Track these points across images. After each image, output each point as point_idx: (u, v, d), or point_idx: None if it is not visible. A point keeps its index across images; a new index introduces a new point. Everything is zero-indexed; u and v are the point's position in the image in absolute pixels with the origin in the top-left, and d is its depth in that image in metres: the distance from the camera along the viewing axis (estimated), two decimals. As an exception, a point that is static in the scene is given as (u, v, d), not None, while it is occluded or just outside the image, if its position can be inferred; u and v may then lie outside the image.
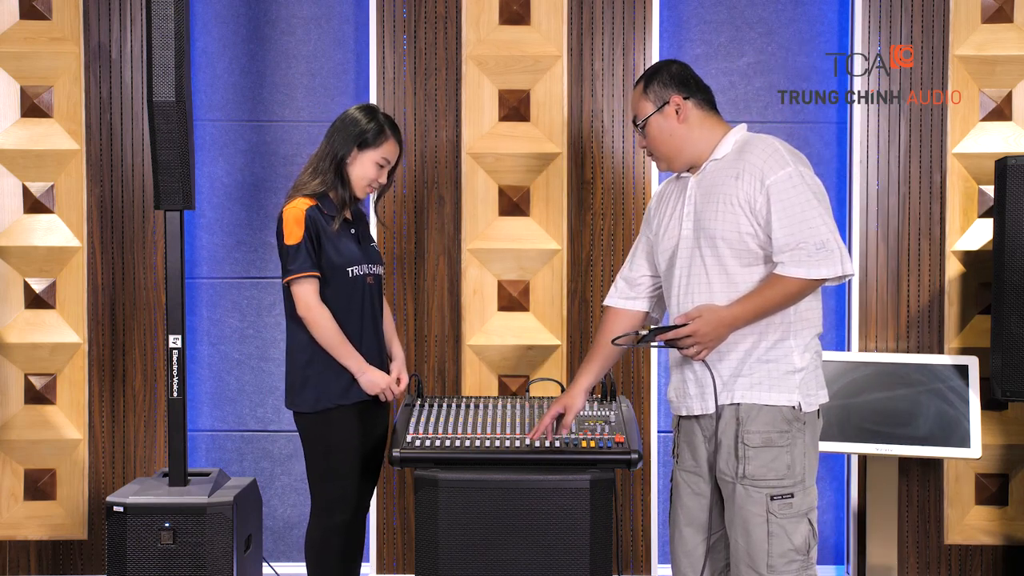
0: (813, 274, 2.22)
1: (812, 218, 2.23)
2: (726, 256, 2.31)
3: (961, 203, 3.52)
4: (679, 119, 2.39)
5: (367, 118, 2.77)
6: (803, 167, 2.30)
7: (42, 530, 3.58)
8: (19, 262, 3.56)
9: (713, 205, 2.32)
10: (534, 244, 3.55)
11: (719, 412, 2.32)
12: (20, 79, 3.55)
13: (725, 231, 2.30)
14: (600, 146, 3.56)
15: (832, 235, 2.24)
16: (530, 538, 2.57)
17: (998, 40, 3.50)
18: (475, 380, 3.56)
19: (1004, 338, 3.11)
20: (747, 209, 2.28)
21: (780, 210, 2.24)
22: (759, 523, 2.27)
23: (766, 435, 2.27)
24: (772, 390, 2.28)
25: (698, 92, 2.42)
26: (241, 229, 3.63)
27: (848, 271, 2.25)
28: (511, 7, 3.54)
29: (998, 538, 3.55)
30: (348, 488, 2.74)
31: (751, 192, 2.27)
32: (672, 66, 2.45)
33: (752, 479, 2.27)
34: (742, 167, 2.30)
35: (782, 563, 2.27)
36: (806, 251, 2.22)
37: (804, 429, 2.30)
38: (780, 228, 2.24)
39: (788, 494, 2.27)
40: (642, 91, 2.44)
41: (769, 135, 2.38)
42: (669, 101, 2.39)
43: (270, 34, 3.62)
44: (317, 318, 2.67)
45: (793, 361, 2.30)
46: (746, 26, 3.60)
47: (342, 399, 2.71)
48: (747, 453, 2.28)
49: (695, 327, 2.26)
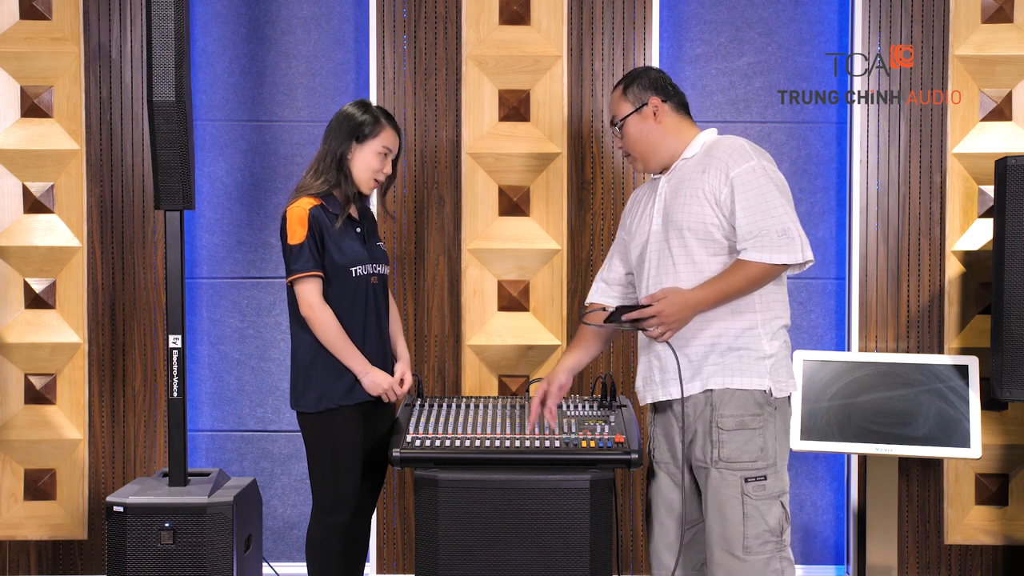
0: (775, 259, 2.32)
1: (775, 207, 2.34)
2: (692, 246, 2.41)
3: (961, 203, 3.52)
4: (656, 120, 2.52)
5: (361, 111, 2.79)
6: (766, 162, 2.41)
7: (42, 530, 3.58)
8: (19, 262, 3.56)
9: (681, 198, 2.44)
10: (534, 244, 3.55)
11: (689, 399, 2.41)
12: (20, 79, 3.55)
13: (691, 222, 2.41)
14: (600, 146, 3.56)
15: (793, 224, 2.34)
16: (530, 538, 2.57)
17: (998, 40, 3.50)
18: (475, 380, 3.56)
19: (1004, 338, 3.11)
20: (712, 201, 2.39)
21: (743, 200, 2.35)
22: (735, 505, 2.35)
23: (739, 418, 2.37)
24: (743, 375, 2.38)
25: (674, 96, 2.56)
26: (241, 229, 3.63)
27: (808, 258, 2.36)
28: (511, 7, 3.54)
29: (998, 538, 3.55)
30: (350, 489, 2.74)
31: (716, 184, 2.39)
32: (651, 72, 2.59)
33: (727, 462, 2.36)
34: (708, 162, 2.43)
35: (757, 544, 2.34)
36: (768, 238, 2.32)
37: (775, 414, 2.40)
38: (743, 217, 2.35)
39: (762, 476, 2.36)
40: (622, 93, 2.56)
41: (736, 136, 2.50)
42: (647, 103, 2.52)
43: (270, 34, 3.62)
44: (320, 318, 2.67)
45: (763, 347, 2.39)
46: (746, 26, 3.60)
47: (344, 399, 2.71)
48: (721, 437, 2.37)
49: (659, 307, 2.35)
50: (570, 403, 2.88)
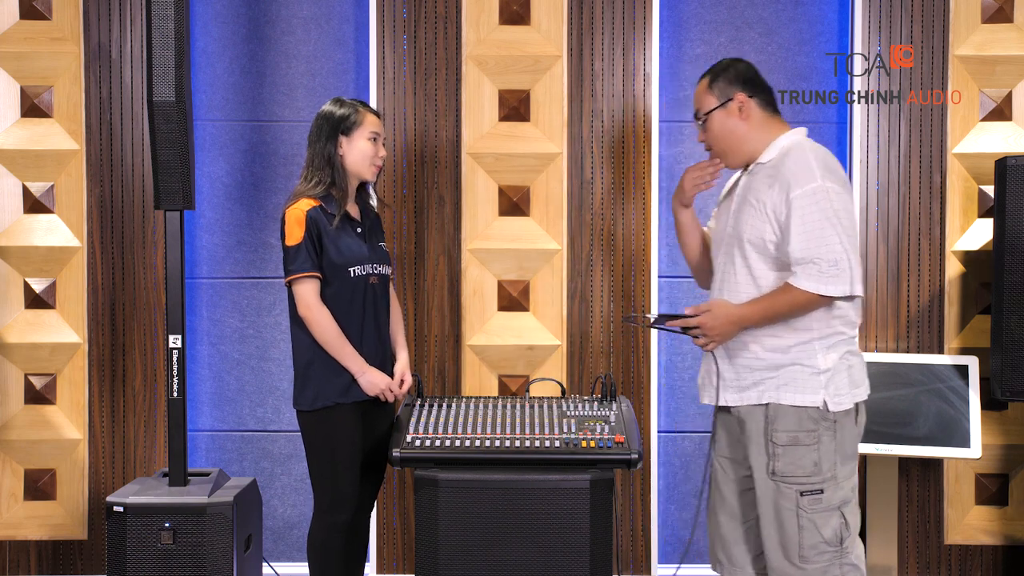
0: (822, 290, 2.27)
1: (829, 236, 2.27)
2: (753, 259, 2.39)
3: (961, 203, 3.52)
4: (741, 116, 2.45)
5: (338, 107, 2.83)
6: (831, 183, 2.31)
7: (42, 530, 3.58)
8: (19, 262, 3.56)
9: (748, 210, 2.41)
10: (534, 244, 3.55)
11: (746, 408, 2.41)
12: (20, 79, 3.55)
13: (752, 236, 2.38)
14: (600, 146, 3.56)
15: (847, 255, 2.27)
16: (530, 538, 2.57)
17: (998, 40, 3.50)
18: (475, 380, 3.56)
19: (1004, 338, 3.11)
20: (772, 218, 2.35)
21: (799, 224, 2.29)
22: (790, 516, 2.34)
23: (793, 434, 2.34)
24: (796, 391, 2.35)
25: (762, 92, 2.47)
26: (241, 229, 3.63)
27: (857, 292, 2.30)
28: (511, 7, 3.54)
29: (998, 538, 3.55)
30: (348, 488, 2.74)
31: (778, 202, 2.33)
32: (739, 64, 2.50)
33: (782, 476, 2.35)
34: (775, 176, 2.36)
35: (813, 554, 2.34)
36: (818, 267, 2.27)
37: (833, 428, 2.35)
38: (797, 241, 2.29)
39: (818, 490, 2.34)
40: (707, 86, 2.49)
41: (815, 145, 2.41)
42: (733, 98, 2.44)
43: (270, 34, 3.62)
44: (317, 318, 2.68)
45: (817, 362, 2.35)
46: (746, 26, 3.60)
47: (341, 398, 2.72)
48: (776, 451, 2.36)
49: (703, 320, 2.37)
50: (570, 403, 2.88)
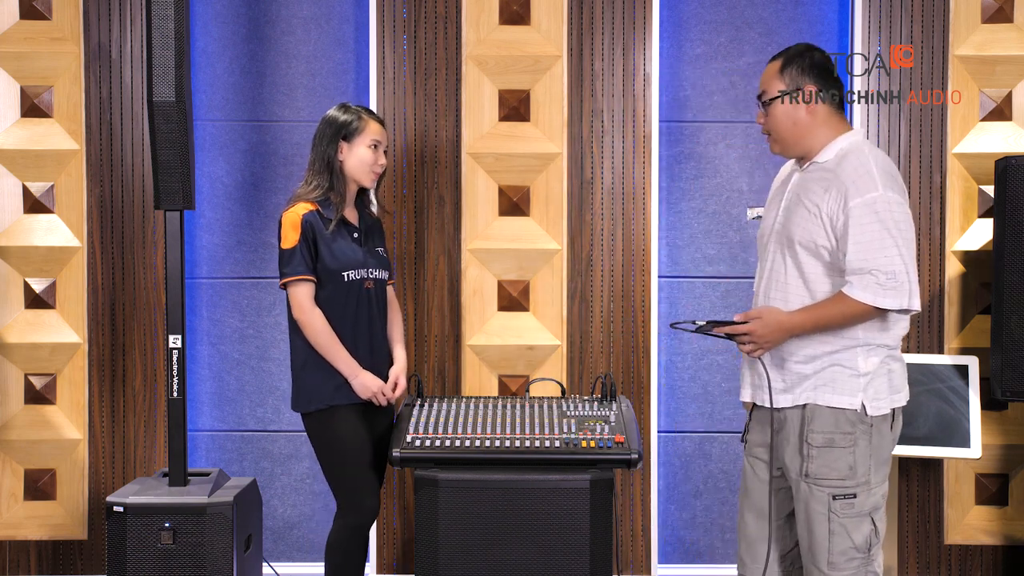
0: (878, 302, 2.24)
1: (888, 247, 2.24)
2: (804, 261, 2.35)
3: (961, 203, 3.52)
4: (807, 109, 2.38)
5: (342, 112, 2.84)
6: (892, 192, 2.27)
7: (42, 530, 3.58)
8: (19, 262, 3.56)
9: (800, 211, 2.36)
10: (534, 244, 3.55)
11: (783, 409, 2.38)
12: (20, 79, 3.54)
13: (803, 238, 2.34)
14: (600, 146, 3.56)
15: (905, 267, 2.24)
16: (530, 538, 2.57)
17: (998, 40, 3.50)
18: (475, 380, 3.56)
19: (1004, 338, 3.11)
20: (828, 223, 2.30)
21: (857, 233, 2.25)
22: (821, 521, 2.32)
23: (829, 436, 2.31)
24: (836, 393, 2.32)
25: (833, 86, 2.41)
26: (241, 229, 3.63)
27: (914, 306, 2.27)
28: (511, 7, 3.54)
29: (998, 538, 3.55)
30: (361, 484, 2.77)
31: (834, 209, 2.29)
32: (815, 53, 2.42)
33: (815, 478, 2.32)
34: (832, 180, 2.31)
35: (842, 560, 2.32)
36: (876, 279, 2.23)
37: (870, 431, 2.32)
38: (854, 250, 2.25)
39: (851, 494, 2.31)
40: (778, 70, 2.42)
41: (875, 150, 2.37)
42: (802, 88, 2.38)
43: (270, 34, 3.62)
44: (310, 320, 2.71)
45: (858, 365, 2.32)
46: (746, 26, 3.60)
47: (334, 399, 2.74)
48: (811, 452, 2.33)
49: (752, 327, 2.33)
50: (570, 403, 2.88)
